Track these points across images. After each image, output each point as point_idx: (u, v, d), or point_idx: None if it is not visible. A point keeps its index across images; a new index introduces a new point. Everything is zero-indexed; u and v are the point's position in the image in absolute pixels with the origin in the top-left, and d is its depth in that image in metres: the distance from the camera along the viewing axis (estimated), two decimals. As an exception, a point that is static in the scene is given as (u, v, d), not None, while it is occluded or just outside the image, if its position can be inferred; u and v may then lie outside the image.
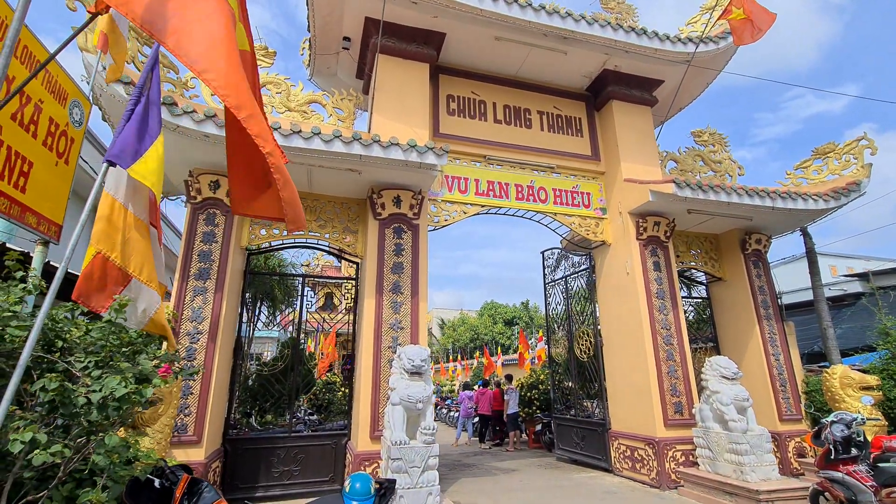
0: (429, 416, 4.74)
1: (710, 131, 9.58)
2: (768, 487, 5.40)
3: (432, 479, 4.49)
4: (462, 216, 7.64)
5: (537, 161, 8.26)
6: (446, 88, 8.10)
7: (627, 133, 8.52)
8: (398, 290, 6.34)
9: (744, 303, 8.41)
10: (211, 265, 5.76)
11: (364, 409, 5.80)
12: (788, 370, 8.02)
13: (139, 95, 2.62)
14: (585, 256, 9.06)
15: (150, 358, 2.33)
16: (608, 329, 8.27)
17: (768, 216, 7.93)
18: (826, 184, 8.37)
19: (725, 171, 9.28)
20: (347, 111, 7.37)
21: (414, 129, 7.06)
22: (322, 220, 6.89)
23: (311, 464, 6.27)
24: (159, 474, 2.34)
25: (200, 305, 5.59)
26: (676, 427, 6.89)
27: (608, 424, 7.88)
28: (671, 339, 7.39)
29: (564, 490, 6.72)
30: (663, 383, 7.07)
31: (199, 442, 5.17)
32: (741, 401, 6.08)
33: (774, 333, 8.18)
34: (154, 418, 4.03)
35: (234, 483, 5.94)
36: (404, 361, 4.84)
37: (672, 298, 7.62)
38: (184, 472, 2.44)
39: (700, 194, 7.08)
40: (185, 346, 5.40)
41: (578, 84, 8.89)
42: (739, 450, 5.78)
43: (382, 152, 5.73)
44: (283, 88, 7.12)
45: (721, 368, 6.29)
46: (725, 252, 8.94)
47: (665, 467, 6.65)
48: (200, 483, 2.38)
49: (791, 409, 7.79)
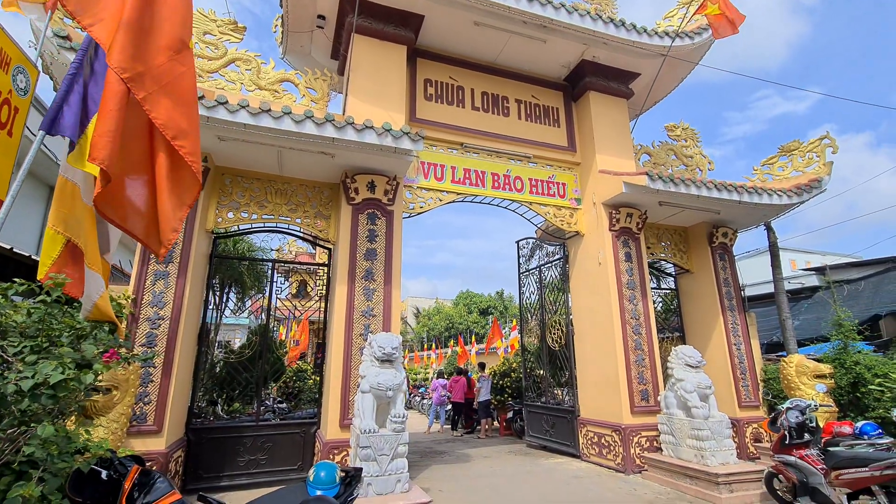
0: (399, 404, 4.70)
1: (682, 126, 9.75)
2: (726, 471, 5.61)
3: (401, 467, 4.46)
4: (438, 203, 7.56)
5: (514, 150, 8.23)
6: (424, 72, 7.94)
7: (603, 125, 8.58)
8: (371, 277, 6.23)
9: (709, 294, 8.67)
10: (173, 248, 5.51)
11: (334, 397, 5.71)
12: (749, 359, 8.34)
13: (81, 60, 2.41)
14: (560, 246, 9.13)
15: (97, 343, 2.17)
16: (580, 318, 8.40)
17: (735, 210, 8.16)
18: (790, 180, 8.66)
19: (696, 166, 9.49)
20: (321, 92, 7.14)
21: (390, 113, 6.90)
22: (293, 204, 6.68)
23: (279, 452, 6.15)
24: (107, 466, 2.21)
25: (162, 290, 5.36)
26: (642, 414, 7.08)
27: (577, 412, 8.03)
28: (640, 328, 7.56)
29: (533, 475, 6.82)
30: (631, 372, 7.24)
31: (160, 431, 4.98)
32: (704, 388, 6.27)
33: (737, 324, 8.47)
34: (108, 407, 3.85)
35: (197, 473, 5.78)
36: (375, 349, 4.77)
37: (642, 289, 7.78)
38: (134, 463, 2.31)
39: (671, 187, 7.20)
40: (145, 333, 5.16)
41: (557, 74, 8.86)
42: (701, 435, 5.98)
43: (356, 135, 5.56)
44: (252, 65, 6.83)
45: (686, 357, 6.47)
46: (694, 245, 9.17)
47: (630, 453, 6.83)
48: (152, 474, 2.26)
49: (750, 397, 8.12)
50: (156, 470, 2.36)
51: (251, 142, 5.58)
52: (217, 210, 6.28)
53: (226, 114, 5.02)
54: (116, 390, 3.88)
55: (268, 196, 6.56)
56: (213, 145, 5.73)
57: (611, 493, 5.87)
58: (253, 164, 6.42)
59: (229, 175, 6.46)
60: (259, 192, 6.55)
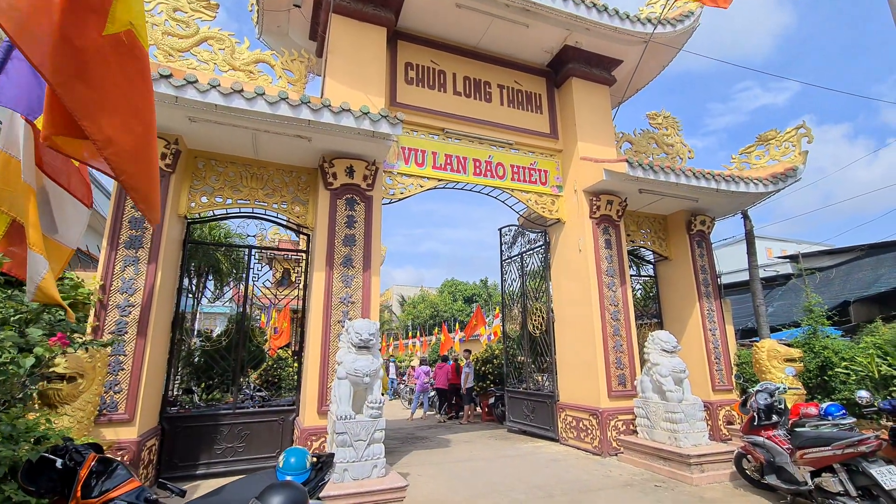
0: (376, 390, 4.68)
1: (664, 114, 9.79)
2: (698, 452, 5.76)
3: (378, 452, 4.46)
4: (419, 190, 7.48)
5: (496, 136, 8.17)
6: (405, 56, 7.79)
7: (586, 112, 8.56)
8: (349, 263, 6.16)
9: (687, 281, 8.82)
10: (143, 233, 5.35)
11: (311, 385, 5.67)
12: (723, 344, 8.54)
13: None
14: (541, 234, 9.16)
15: (48, 327, 2.08)
16: (560, 305, 8.47)
17: (713, 198, 8.27)
18: (766, 169, 8.79)
19: (677, 154, 9.57)
20: (298, 73, 6.96)
21: (369, 97, 6.75)
22: (269, 188, 6.53)
23: (257, 440, 6.10)
24: (63, 454, 2.14)
25: (132, 276, 5.20)
26: (619, 398, 7.21)
27: (557, 397, 8.14)
28: (619, 314, 7.66)
29: (512, 459, 6.92)
30: (609, 357, 7.34)
31: (132, 420, 4.88)
32: (678, 372, 6.40)
33: (712, 310, 8.64)
34: (73, 395, 3.74)
35: (173, 461, 5.70)
36: (352, 335, 4.72)
37: (621, 276, 7.86)
38: (91, 450, 2.24)
39: (651, 174, 7.24)
40: (114, 320, 5.02)
41: (540, 59, 8.79)
42: (674, 418, 6.11)
43: (333, 118, 5.44)
44: (226, 45, 6.61)
45: (661, 342, 6.58)
46: (672, 232, 9.29)
47: (607, 436, 6.96)
48: (111, 462, 2.19)
49: (724, 381, 8.33)
50: (114, 457, 2.30)
51: (224, 124, 5.41)
52: (190, 194, 6.10)
53: (196, 94, 4.85)
54: (81, 378, 3.77)
55: (243, 180, 6.40)
56: (184, 127, 5.55)
57: (587, 475, 5.98)
58: (227, 148, 6.24)
59: (202, 158, 6.28)
60: (234, 177, 6.38)
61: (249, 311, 8.83)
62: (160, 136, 5.49)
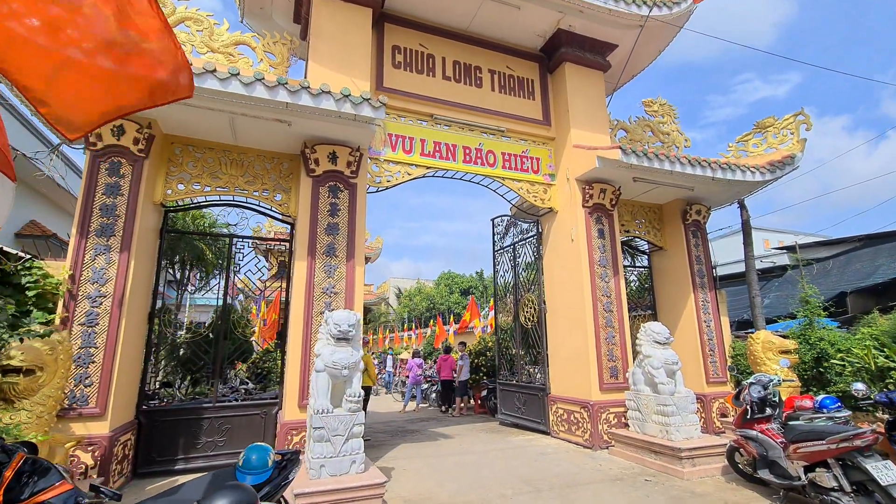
0: (355, 383, 4.51)
1: (660, 101, 9.56)
2: (689, 445, 5.62)
3: (356, 447, 4.30)
4: (406, 178, 7.27)
5: (487, 123, 7.94)
6: (392, 39, 7.53)
7: (579, 98, 8.33)
8: (332, 252, 5.96)
9: (681, 271, 8.65)
10: (115, 221, 5.14)
11: (292, 377, 5.50)
12: (718, 336, 8.39)
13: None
14: (534, 223, 8.97)
15: None
16: (552, 296, 8.30)
17: (709, 187, 8.07)
18: (764, 157, 8.59)
19: (673, 143, 9.35)
20: (281, 56, 6.72)
21: (354, 80, 6.51)
22: (250, 175, 6.31)
23: (239, 434, 5.94)
24: (-10, 453, 1.96)
25: (103, 266, 5.00)
26: (611, 391, 7.06)
27: (548, 389, 8.00)
28: (611, 306, 7.49)
29: (502, 452, 6.78)
30: (601, 349, 7.19)
31: (103, 414, 4.70)
32: (671, 364, 6.25)
33: (707, 301, 8.49)
34: (32, 389, 3.56)
35: (150, 456, 5.54)
36: (331, 327, 4.54)
37: (614, 266, 7.69)
38: (22, 449, 2.07)
39: (645, 162, 7.04)
40: (84, 311, 4.83)
41: (532, 44, 8.53)
42: (666, 411, 5.97)
43: (312, 101, 5.21)
44: (204, 26, 6.36)
45: (654, 334, 6.42)
46: (668, 222, 9.10)
47: (598, 429, 6.83)
48: (40, 463, 2.02)
49: (718, 373, 8.19)
50: (44, 459, 2.12)
51: (199, 107, 5.17)
52: (166, 181, 5.88)
53: (165, 74, 4.60)
54: (41, 371, 3.58)
55: (222, 167, 6.18)
56: (158, 110, 5.30)
57: (577, 469, 5.85)
58: (205, 133, 6.02)
59: (179, 144, 6.04)
60: (212, 163, 6.16)
61: (234, 303, 8.70)
62: (130, 119, 5.27)
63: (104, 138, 5.20)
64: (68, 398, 4.60)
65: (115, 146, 5.25)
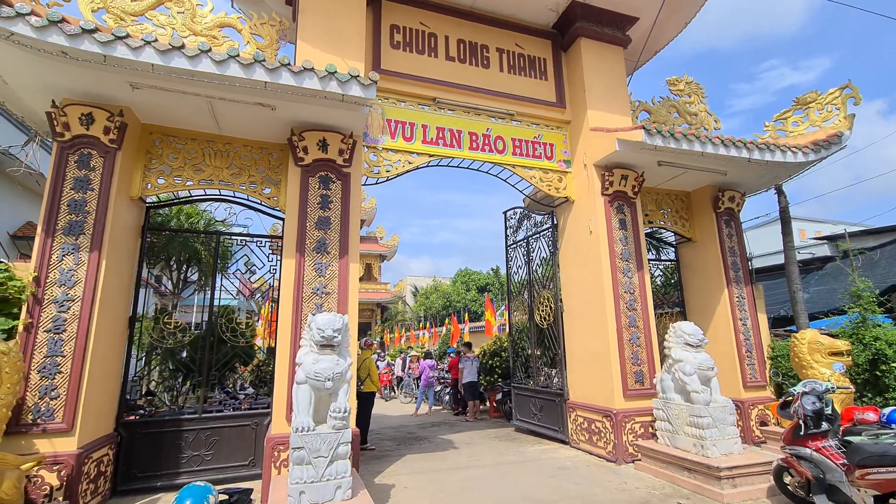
0: (341, 397, 3.97)
1: (686, 80, 8.75)
2: (729, 464, 4.91)
3: (343, 470, 3.76)
4: (407, 167, 6.70)
5: (495, 106, 7.30)
6: (390, 17, 6.95)
7: (596, 77, 7.60)
8: (324, 248, 5.44)
9: (713, 265, 7.86)
10: (85, 218, 4.71)
11: (280, 387, 5.01)
12: (755, 335, 7.59)
13: None
14: (548, 215, 8.29)
15: None
16: (569, 293, 7.63)
17: (744, 170, 7.26)
18: (806, 136, 7.71)
19: (701, 124, 8.54)
20: (269, 39, 6.21)
21: (347, 62, 5.96)
22: (236, 167, 5.83)
23: (227, 447, 5.50)
24: None
25: (72, 267, 4.57)
26: (636, 398, 6.37)
27: (566, 395, 7.35)
28: (635, 303, 6.78)
29: (514, 466, 6.17)
30: (624, 351, 6.50)
31: (71, 430, 4.27)
32: (705, 370, 5.53)
33: (743, 297, 7.68)
34: (-32, 408, 3.11)
35: (131, 472, 5.13)
36: (314, 332, 4.01)
37: (637, 260, 6.97)
38: None
39: (672, 143, 6.29)
40: (51, 317, 4.41)
41: (544, 19, 7.83)
42: (701, 423, 5.26)
43: (293, 79, 4.67)
44: (186, 7, 5.88)
45: (685, 335, 5.70)
46: (697, 211, 8.30)
47: (622, 440, 6.15)
48: None
49: (756, 376, 7.40)
50: None
51: (171, 90, 4.70)
52: (144, 175, 5.44)
53: (127, 51, 4.13)
54: (-20, 386, 3.15)
55: (205, 158, 5.71)
56: (129, 96, 4.86)
57: (598, 488, 5.20)
58: (185, 122, 5.56)
59: (158, 134, 5.60)
60: (195, 154, 5.69)
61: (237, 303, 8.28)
62: (100, 106, 4.83)
63: (72, 128, 4.78)
64: (32, 412, 4.20)
65: (84, 136, 4.81)
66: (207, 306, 6.09)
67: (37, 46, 4.00)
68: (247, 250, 6.34)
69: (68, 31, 3.95)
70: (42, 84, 4.69)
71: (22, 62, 4.37)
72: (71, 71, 4.44)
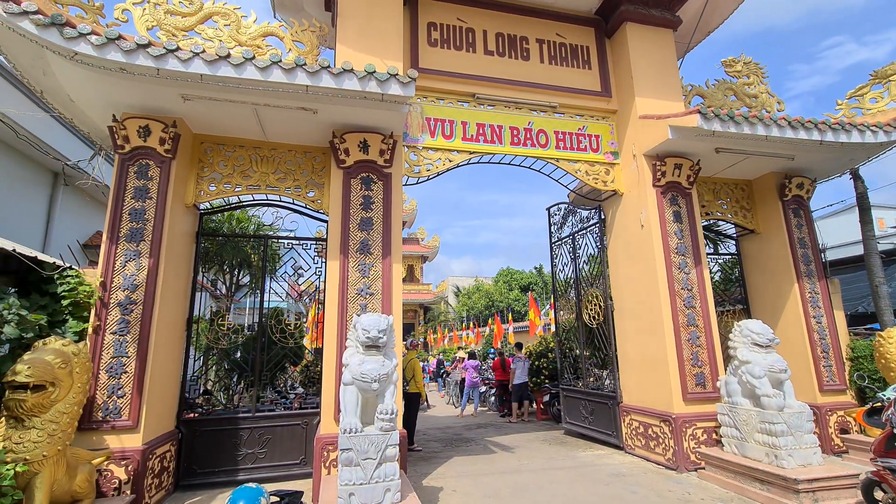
0: (388, 398, 3.92)
1: (744, 60, 8.13)
2: (809, 476, 4.46)
3: (391, 473, 3.71)
4: (448, 165, 6.61)
5: (536, 99, 7.07)
6: (427, 15, 6.89)
7: (644, 62, 7.20)
8: (367, 249, 5.45)
9: (780, 258, 7.24)
10: (145, 225, 4.95)
11: (327, 387, 5.06)
12: (832, 334, 6.91)
13: None
14: (595, 210, 7.95)
15: None
16: (620, 291, 7.27)
17: (814, 154, 6.64)
18: (887, 113, 6.94)
19: (762, 107, 7.90)
20: (310, 45, 6.31)
21: (386, 62, 5.97)
22: (281, 172, 5.96)
23: (279, 446, 5.63)
24: None
25: (134, 272, 4.82)
26: (697, 401, 5.96)
27: (619, 397, 7.00)
28: (693, 301, 6.35)
29: (565, 472, 5.92)
30: (682, 352, 6.09)
31: (136, 427, 4.50)
32: (777, 372, 5.07)
33: (816, 292, 7.02)
34: (43, 406, 3.31)
35: (192, 468, 5.36)
36: (359, 333, 3.99)
37: (695, 254, 6.53)
38: None
39: (731, 127, 5.84)
40: (116, 319, 4.66)
41: (586, 6, 7.52)
42: (774, 430, 4.82)
43: (333, 81, 4.69)
44: (231, 19, 6.09)
45: (753, 334, 5.25)
46: (760, 200, 7.69)
47: (683, 447, 5.77)
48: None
49: (833, 379, 6.73)
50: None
51: (219, 100, 4.85)
52: (197, 183, 5.67)
53: (177, 64, 4.30)
54: (52, 386, 3.35)
55: (252, 165, 5.87)
56: (181, 108, 5.07)
57: (660, 499, 4.88)
58: (233, 129, 5.74)
59: (209, 143, 5.82)
60: (243, 161, 5.87)
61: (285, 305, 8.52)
62: (155, 118, 5.07)
63: (131, 140, 5.04)
64: (101, 410, 4.45)
65: (141, 148, 5.07)
66: (258, 308, 6.26)
67: (97, 64, 4.23)
68: (293, 253, 6.51)
69: (124, 47, 4.15)
70: (104, 100, 4.98)
71: (86, 80, 4.66)
72: (128, 86, 4.68)
